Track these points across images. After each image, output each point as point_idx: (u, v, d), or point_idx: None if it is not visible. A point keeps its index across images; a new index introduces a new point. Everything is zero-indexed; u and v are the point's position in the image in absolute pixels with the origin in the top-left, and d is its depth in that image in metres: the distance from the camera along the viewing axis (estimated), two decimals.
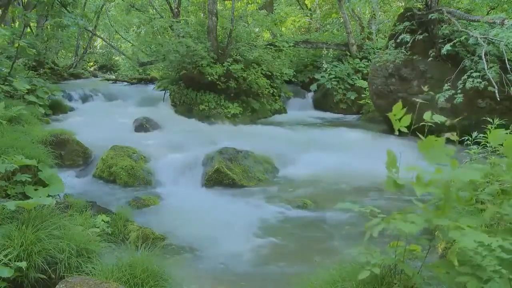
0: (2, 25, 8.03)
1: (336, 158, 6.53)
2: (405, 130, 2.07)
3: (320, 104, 12.43)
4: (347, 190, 5.47)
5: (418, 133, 2.00)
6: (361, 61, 12.42)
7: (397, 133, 2.09)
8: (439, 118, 2.05)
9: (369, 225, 1.92)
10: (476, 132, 4.15)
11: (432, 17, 7.88)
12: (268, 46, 12.14)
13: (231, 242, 3.97)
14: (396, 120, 2.05)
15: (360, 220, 2.11)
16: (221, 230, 4.18)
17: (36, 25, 13.99)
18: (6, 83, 7.76)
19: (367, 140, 7.71)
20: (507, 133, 1.93)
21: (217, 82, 9.91)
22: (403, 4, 13.53)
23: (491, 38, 6.76)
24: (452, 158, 1.84)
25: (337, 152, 6.85)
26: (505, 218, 1.85)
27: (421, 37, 8.06)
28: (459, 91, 6.96)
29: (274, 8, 17.39)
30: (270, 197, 5.23)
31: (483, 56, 6.75)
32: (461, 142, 4.54)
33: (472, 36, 7.02)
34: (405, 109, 2.07)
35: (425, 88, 3.87)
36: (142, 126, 8.49)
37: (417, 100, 2.28)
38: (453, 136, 2.03)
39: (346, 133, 8.72)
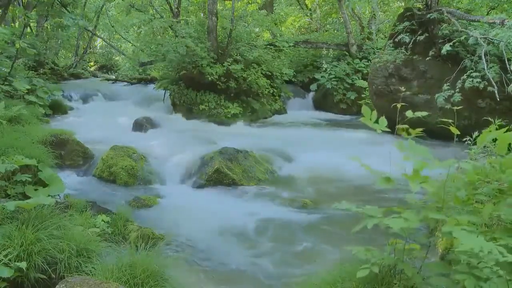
0: (2, 25, 8.03)
1: (336, 158, 6.52)
2: (386, 129, 2.10)
3: (320, 104, 12.44)
4: (347, 190, 5.47)
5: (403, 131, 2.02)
6: (361, 61, 12.42)
7: (379, 131, 2.11)
8: (421, 114, 2.08)
9: (366, 216, 1.95)
10: (476, 132, 4.15)
11: (432, 17, 7.89)
12: (268, 46, 12.14)
13: (231, 242, 3.97)
14: (374, 122, 2.08)
15: (361, 220, 2.11)
16: (221, 230, 4.18)
17: (36, 25, 13.99)
18: (6, 83, 7.76)
19: (367, 140, 7.70)
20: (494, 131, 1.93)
21: (217, 82, 9.92)
22: (403, 4, 13.53)
23: (491, 38, 6.76)
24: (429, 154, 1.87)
25: (337, 152, 6.84)
26: (502, 218, 1.86)
27: (421, 37, 8.07)
28: (458, 90, 6.97)
29: (274, 8, 17.40)
30: (270, 197, 5.23)
31: (483, 56, 6.75)
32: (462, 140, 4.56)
33: (472, 36, 7.02)
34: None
35: (402, 88, 3.89)
36: (142, 126, 8.49)
37: (399, 103, 2.29)
38: (454, 128, 2.03)
39: (346, 133, 8.73)
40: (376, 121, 2.12)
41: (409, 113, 2.11)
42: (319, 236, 4.14)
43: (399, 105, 2.21)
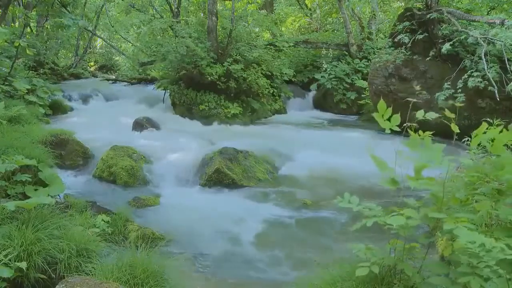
0: (2, 25, 8.03)
1: (336, 158, 6.53)
2: (397, 128, 2.08)
3: (320, 104, 12.44)
4: (347, 190, 5.42)
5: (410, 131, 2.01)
6: (361, 61, 12.42)
7: (388, 131, 2.09)
8: (431, 115, 2.06)
9: (366, 215, 1.95)
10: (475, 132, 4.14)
11: (432, 17, 7.88)
12: (268, 46, 12.14)
13: (231, 242, 3.97)
14: (385, 120, 2.06)
15: (361, 218, 2.11)
16: (221, 230, 4.18)
17: (36, 25, 13.99)
18: (6, 83, 7.76)
19: (367, 140, 7.71)
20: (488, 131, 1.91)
21: (217, 82, 9.92)
22: (403, 4, 13.53)
23: (491, 38, 6.75)
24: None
25: (337, 152, 6.84)
26: (500, 217, 1.86)
27: (421, 37, 8.07)
28: (460, 90, 6.97)
29: (274, 8, 17.39)
30: (270, 197, 5.23)
31: (483, 56, 6.75)
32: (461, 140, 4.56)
33: (472, 36, 7.02)
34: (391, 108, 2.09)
35: (417, 88, 3.85)
36: (142, 126, 8.49)
37: (411, 99, 2.28)
38: (454, 126, 2.02)
39: (346, 133, 8.73)
40: (388, 119, 2.10)
41: (419, 114, 2.09)
42: (319, 236, 4.14)
43: (409, 103, 2.19)
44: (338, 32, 14.98)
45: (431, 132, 2.03)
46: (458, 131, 2.04)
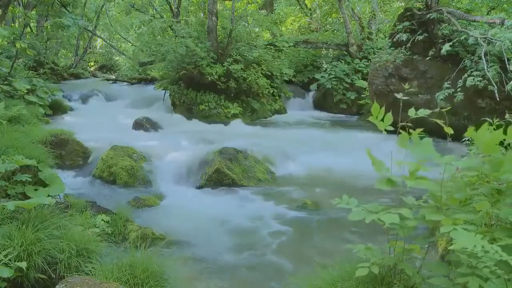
0: (2, 25, 8.03)
1: (336, 158, 6.53)
2: (391, 128, 2.08)
3: (320, 104, 12.45)
4: (347, 190, 5.43)
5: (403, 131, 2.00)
6: (361, 61, 12.43)
7: (384, 133, 2.10)
8: (424, 112, 2.07)
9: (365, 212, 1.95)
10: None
11: (432, 17, 7.89)
12: (268, 46, 12.15)
13: (231, 242, 3.97)
14: (379, 121, 2.06)
15: (360, 220, 2.11)
16: (221, 230, 4.19)
17: (36, 25, 14.00)
18: (6, 83, 7.76)
19: (367, 140, 7.70)
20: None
21: (217, 82, 9.92)
22: (403, 4, 13.52)
23: (491, 38, 6.75)
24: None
25: (337, 152, 6.85)
26: (501, 218, 1.85)
27: (421, 37, 8.07)
28: (459, 89, 6.97)
29: (274, 8, 17.40)
30: (270, 197, 5.23)
31: (483, 56, 6.75)
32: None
33: (472, 36, 7.02)
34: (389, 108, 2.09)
35: (406, 86, 3.84)
36: (142, 126, 8.49)
37: (399, 96, 2.27)
38: (446, 128, 2.02)
39: (346, 133, 8.74)
40: (382, 119, 2.10)
41: (411, 112, 2.10)
42: (319, 236, 4.14)
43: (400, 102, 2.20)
44: (338, 32, 14.99)
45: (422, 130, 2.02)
46: (452, 132, 2.04)
